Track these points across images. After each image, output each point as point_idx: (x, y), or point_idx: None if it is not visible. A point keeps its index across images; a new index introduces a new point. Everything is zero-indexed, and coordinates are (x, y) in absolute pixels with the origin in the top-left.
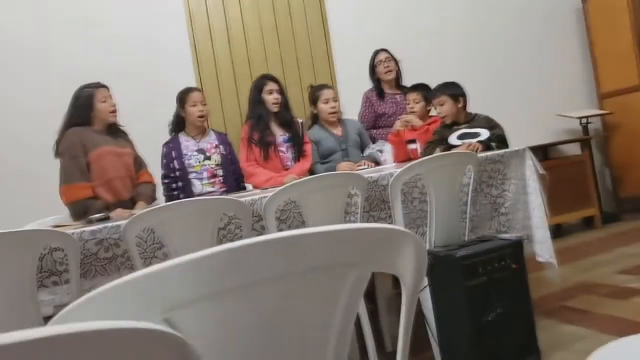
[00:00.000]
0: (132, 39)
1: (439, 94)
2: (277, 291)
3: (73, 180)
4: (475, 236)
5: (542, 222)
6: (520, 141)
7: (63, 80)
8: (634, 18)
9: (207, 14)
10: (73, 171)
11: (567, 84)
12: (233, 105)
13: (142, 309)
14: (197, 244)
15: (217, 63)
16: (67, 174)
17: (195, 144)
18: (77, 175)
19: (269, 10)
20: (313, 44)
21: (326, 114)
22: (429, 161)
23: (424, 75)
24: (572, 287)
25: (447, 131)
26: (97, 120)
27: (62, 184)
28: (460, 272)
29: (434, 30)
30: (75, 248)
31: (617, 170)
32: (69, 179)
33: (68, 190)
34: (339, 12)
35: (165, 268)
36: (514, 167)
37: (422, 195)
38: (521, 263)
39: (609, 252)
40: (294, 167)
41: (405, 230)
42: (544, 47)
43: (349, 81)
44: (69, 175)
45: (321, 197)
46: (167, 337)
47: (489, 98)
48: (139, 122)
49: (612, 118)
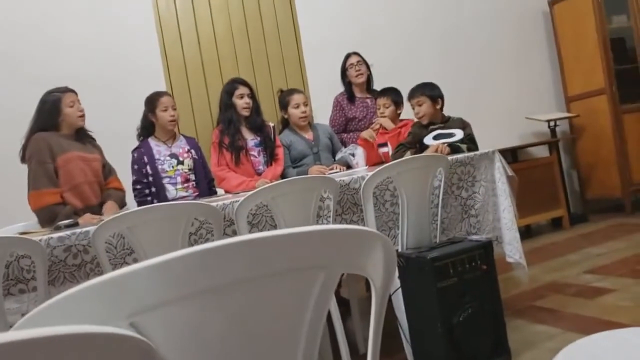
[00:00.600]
0: (99, 43)
1: (418, 94)
2: (246, 294)
3: (41, 186)
4: (446, 238)
5: (512, 223)
6: (489, 144)
7: (29, 86)
8: (599, 22)
9: (176, 16)
10: (40, 177)
11: (535, 87)
12: (203, 108)
13: (108, 313)
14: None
15: (187, 66)
16: (34, 180)
17: (167, 148)
18: (45, 181)
19: (239, 12)
20: (284, 47)
21: (297, 119)
22: (400, 164)
23: (394, 80)
24: (541, 287)
25: (423, 131)
26: (65, 125)
27: (30, 190)
28: (431, 273)
29: (403, 35)
30: (42, 255)
31: (584, 172)
32: (36, 185)
33: (36, 196)
34: (309, 15)
35: (131, 272)
36: (484, 169)
37: (394, 198)
38: (491, 264)
39: (577, 252)
40: (266, 172)
41: (373, 231)
42: (512, 50)
43: (320, 85)
44: (36, 181)
45: (293, 200)
46: (132, 341)
47: (457, 101)
48: (107, 127)
49: (579, 120)
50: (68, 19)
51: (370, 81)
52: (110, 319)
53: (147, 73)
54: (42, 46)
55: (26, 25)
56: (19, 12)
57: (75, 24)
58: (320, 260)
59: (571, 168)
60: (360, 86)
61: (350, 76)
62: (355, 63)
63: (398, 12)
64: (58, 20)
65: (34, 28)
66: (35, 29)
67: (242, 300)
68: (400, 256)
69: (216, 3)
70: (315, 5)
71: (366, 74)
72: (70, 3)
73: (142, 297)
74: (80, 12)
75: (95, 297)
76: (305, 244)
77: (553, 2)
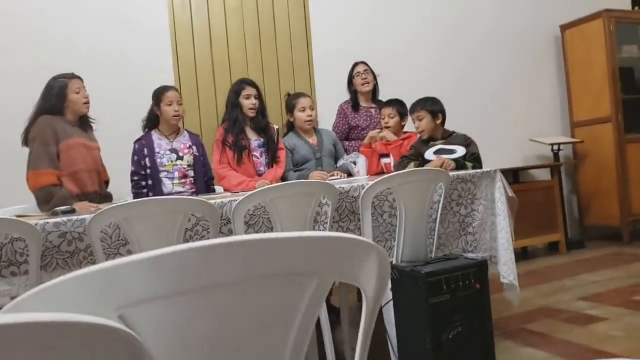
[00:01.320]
0: (111, 39)
1: (418, 109)
2: (236, 295)
3: (41, 167)
4: (442, 254)
5: (508, 244)
6: (492, 163)
7: (33, 74)
8: (610, 51)
9: (190, 14)
10: (42, 158)
11: (542, 110)
12: (210, 106)
13: (97, 304)
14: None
15: (197, 63)
16: (35, 160)
17: (169, 143)
18: (46, 162)
19: (253, 15)
20: (295, 52)
21: (302, 122)
22: (401, 176)
23: (400, 92)
24: (533, 311)
25: (424, 147)
26: (70, 111)
27: (30, 169)
28: (424, 288)
29: (411, 49)
30: (37, 239)
31: (584, 198)
32: (36, 165)
33: (35, 176)
34: (322, 22)
35: (123, 264)
36: (484, 188)
37: (392, 210)
38: (485, 283)
39: (572, 278)
40: (266, 173)
41: (368, 241)
42: (522, 72)
43: (327, 92)
44: (37, 162)
45: (291, 204)
46: (119, 334)
47: (463, 118)
48: (116, 117)
49: (582, 147)
50: (82, 16)
51: (376, 91)
52: (100, 310)
53: (157, 69)
54: (52, 41)
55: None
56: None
57: (89, 21)
58: (313, 267)
59: (572, 193)
60: (365, 95)
61: (357, 85)
62: (362, 72)
63: (409, 27)
64: (71, 17)
65: (44, 25)
66: (46, 26)
67: (232, 302)
68: (394, 269)
69: (231, 5)
70: (329, 12)
71: (372, 83)
72: None
73: (133, 290)
74: (94, 10)
75: (85, 286)
76: (298, 249)
77: (565, 28)
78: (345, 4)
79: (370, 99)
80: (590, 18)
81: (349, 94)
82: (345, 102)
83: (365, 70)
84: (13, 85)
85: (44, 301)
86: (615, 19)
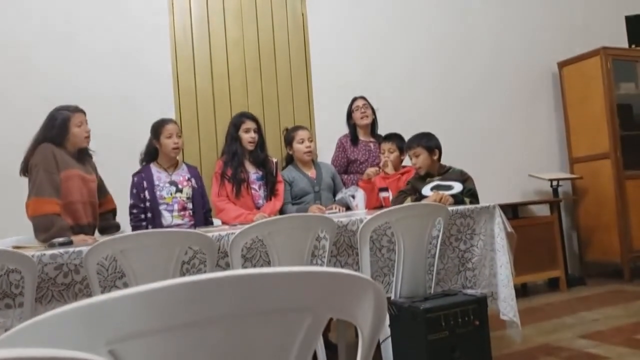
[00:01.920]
0: (114, 67)
1: (414, 145)
2: (230, 330)
3: (44, 194)
4: (441, 289)
5: (508, 280)
6: (490, 198)
7: (34, 105)
8: (607, 88)
9: (192, 47)
10: (46, 185)
11: (540, 146)
12: (210, 138)
13: (88, 338)
14: (159, 276)
15: (198, 96)
16: (39, 187)
17: (168, 175)
18: (50, 190)
19: (253, 48)
20: (294, 85)
21: (301, 154)
22: (399, 210)
23: (398, 126)
24: (533, 348)
25: (421, 183)
26: (70, 143)
27: (32, 196)
28: (423, 324)
29: (411, 84)
30: (32, 271)
31: (584, 234)
32: (40, 192)
33: (37, 203)
34: (322, 56)
35: (114, 298)
36: (483, 223)
37: (391, 244)
38: (484, 320)
39: (572, 315)
40: (264, 206)
41: (365, 277)
42: (520, 107)
43: (326, 125)
44: (40, 189)
45: (289, 237)
46: None
47: (462, 153)
48: (113, 147)
49: (581, 182)
50: (85, 35)
51: (374, 125)
52: (90, 345)
53: (158, 99)
54: (53, 73)
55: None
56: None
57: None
58: (308, 303)
59: (571, 229)
60: (364, 129)
61: (356, 118)
62: (361, 106)
63: (408, 61)
64: (74, 34)
65: (49, 41)
66: (50, 42)
67: (225, 337)
68: (392, 304)
69: (232, 37)
70: (329, 47)
71: (371, 117)
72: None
73: (124, 325)
74: (98, 28)
75: (77, 320)
76: (292, 285)
77: (562, 65)
78: (345, 38)
79: (369, 132)
80: (587, 55)
81: (348, 127)
82: (344, 135)
83: (364, 104)
84: (12, 115)
85: (36, 334)
86: (613, 57)
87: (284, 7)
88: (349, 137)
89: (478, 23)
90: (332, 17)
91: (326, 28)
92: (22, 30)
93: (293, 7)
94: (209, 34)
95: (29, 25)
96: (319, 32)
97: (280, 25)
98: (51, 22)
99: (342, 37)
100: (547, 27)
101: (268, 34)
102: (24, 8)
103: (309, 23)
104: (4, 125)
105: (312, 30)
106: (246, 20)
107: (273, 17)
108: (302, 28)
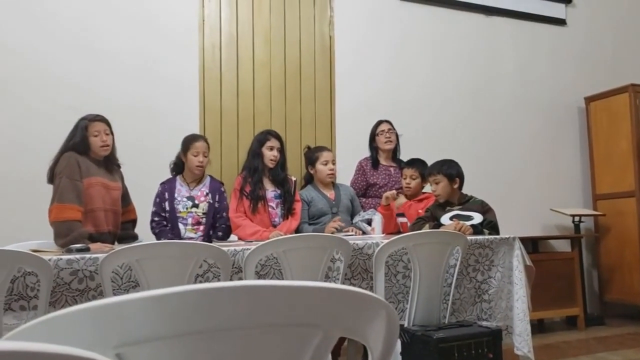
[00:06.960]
0: (143, 82)
1: (435, 172)
2: (237, 342)
3: (67, 201)
4: (456, 320)
5: (524, 314)
6: (510, 230)
7: (59, 114)
8: (635, 124)
9: (220, 65)
10: (69, 192)
11: (564, 180)
12: (232, 155)
13: (96, 339)
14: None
15: (223, 113)
16: (62, 193)
17: (188, 190)
18: (72, 197)
19: (280, 70)
20: (318, 107)
21: (324, 175)
22: (417, 236)
23: (421, 153)
24: None
25: (440, 211)
26: (92, 151)
27: (55, 202)
28: (435, 354)
29: (437, 113)
30: (48, 275)
31: (604, 273)
32: (62, 198)
33: (59, 208)
34: (347, 79)
35: (125, 301)
36: (502, 255)
37: (407, 270)
38: (498, 353)
39: (589, 355)
40: (281, 225)
41: (377, 297)
42: (545, 141)
43: (347, 147)
44: (63, 195)
45: (303, 256)
46: None
47: (483, 184)
48: (135, 157)
49: (604, 220)
50: (117, 49)
51: (397, 150)
52: (98, 346)
53: (184, 114)
54: (87, 81)
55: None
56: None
57: (121, 67)
58: (319, 319)
59: (592, 267)
60: (386, 153)
61: (379, 142)
62: (386, 130)
63: (432, 89)
64: (104, 49)
65: (84, 53)
66: (84, 54)
67: (232, 348)
68: (405, 332)
69: (260, 58)
70: (355, 70)
71: (395, 142)
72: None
73: (133, 328)
74: (129, 42)
75: (86, 321)
76: (304, 299)
77: (589, 100)
78: (370, 62)
79: (390, 157)
80: (615, 91)
81: (370, 150)
82: (365, 158)
83: (389, 129)
84: (38, 124)
85: (45, 332)
86: None
87: (312, 30)
88: (369, 160)
89: (506, 55)
90: (358, 41)
91: (352, 51)
92: (56, 44)
93: (321, 30)
94: (237, 53)
95: (64, 39)
96: (345, 54)
97: (308, 48)
98: (85, 35)
99: (368, 60)
100: (575, 61)
101: (295, 56)
102: (58, 22)
103: (335, 46)
104: (34, 134)
105: (338, 52)
106: (274, 42)
107: (301, 39)
108: (329, 50)
